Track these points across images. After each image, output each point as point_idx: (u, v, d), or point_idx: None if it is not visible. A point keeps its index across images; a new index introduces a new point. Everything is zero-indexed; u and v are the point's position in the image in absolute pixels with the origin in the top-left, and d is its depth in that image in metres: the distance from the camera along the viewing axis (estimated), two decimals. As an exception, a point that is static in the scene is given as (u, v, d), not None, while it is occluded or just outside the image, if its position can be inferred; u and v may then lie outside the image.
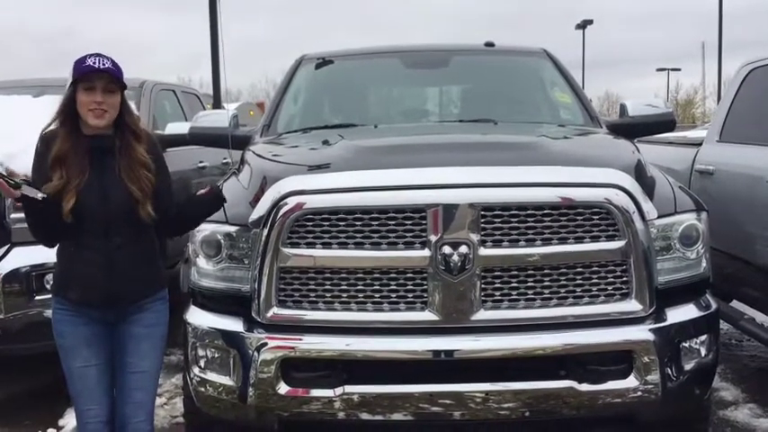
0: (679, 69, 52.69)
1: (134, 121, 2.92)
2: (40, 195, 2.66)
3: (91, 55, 2.79)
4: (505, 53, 5.10)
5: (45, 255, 4.35)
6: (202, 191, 2.99)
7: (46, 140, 2.84)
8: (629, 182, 2.99)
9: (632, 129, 4.36)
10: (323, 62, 4.95)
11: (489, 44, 5.01)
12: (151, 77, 6.69)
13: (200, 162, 6.72)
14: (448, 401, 2.93)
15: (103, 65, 2.76)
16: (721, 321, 4.30)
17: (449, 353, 2.93)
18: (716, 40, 29.40)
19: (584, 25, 40.28)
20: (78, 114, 2.79)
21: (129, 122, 2.89)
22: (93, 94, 2.76)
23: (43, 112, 5.89)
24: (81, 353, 2.85)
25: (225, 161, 7.22)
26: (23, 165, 4.34)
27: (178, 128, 5.72)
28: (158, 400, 4.44)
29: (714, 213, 4.48)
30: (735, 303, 4.95)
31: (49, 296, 4.29)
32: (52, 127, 2.84)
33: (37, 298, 4.32)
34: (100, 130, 2.81)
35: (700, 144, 5.35)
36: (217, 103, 13.55)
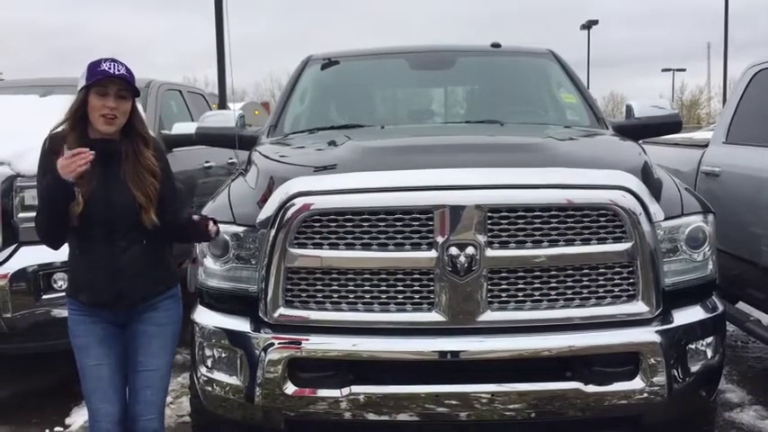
0: (684, 70, 52.80)
1: (143, 128, 2.93)
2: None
3: (106, 59, 2.79)
4: (511, 54, 5.10)
5: (53, 254, 4.33)
6: (196, 217, 3.00)
7: (54, 141, 2.84)
8: (635, 184, 2.99)
9: (638, 130, 4.35)
10: (329, 63, 4.95)
11: (495, 45, 5.02)
12: (157, 77, 6.71)
13: (207, 162, 6.74)
14: (454, 402, 2.94)
15: (118, 70, 2.76)
16: (727, 323, 4.30)
17: (455, 354, 2.93)
18: (721, 41, 29.36)
19: (589, 25, 40.26)
20: (87, 118, 2.80)
21: (139, 128, 2.90)
22: (106, 99, 2.76)
23: (50, 111, 5.94)
24: (94, 352, 2.87)
25: (231, 161, 7.24)
26: (31, 163, 4.37)
27: (184, 128, 5.74)
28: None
29: (720, 215, 4.48)
30: (741, 305, 4.95)
31: (57, 295, 4.36)
32: (61, 128, 2.84)
33: (44, 297, 4.34)
34: (107, 135, 2.82)
35: (706, 145, 5.35)
36: (222, 103, 13.58)
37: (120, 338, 2.92)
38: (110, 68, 2.75)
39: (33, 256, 4.33)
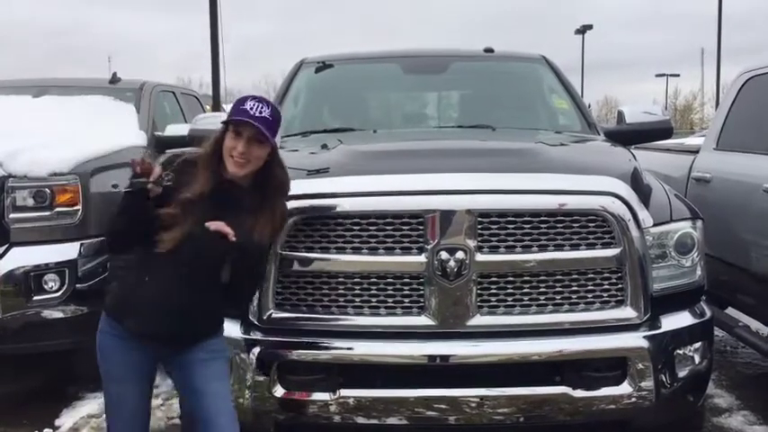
0: (678, 75, 53.05)
1: (285, 177, 2.69)
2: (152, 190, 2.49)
3: (254, 97, 2.61)
4: (504, 59, 5.11)
5: (44, 255, 4.40)
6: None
7: (182, 165, 2.64)
8: (624, 190, 3.02)
9: (630, 136, 4.38)
10: (323, 66, 4.96)
11: (488, 50, 5.03)
12: (152, 77, 6.71)
13: (199, 163, 6.72)
14: (443, 406, 2.95)
15: (260, 113, 2.55)
16: (716, 328, 4.30)
17: (444, 358, 2.94)
18: (715, 46, 29.48)
19: (583, 30, 40.38)
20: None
21: (279, 177, 2.67)
22: (238, 141, 2.56)
23: (43, 112, 5.93)
24: (125, 383, 2.68)
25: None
26: (23, 164, 4.38)
27: (177, 129, 5.74)
28: (155, 401, 4.46)
29: (710, 221, 4.50)
30: (730, 311, 4.97)
31: (48, 296, 4.35)
32: (195, 152, 2.65)
33: (35, 298, 4.34)
34: (238, 179, 2.61)
35: (697, 151, 5.38)
36: (216, 104, 13.58)
37: (154, 366, 2.74)
38: (251, 109, 2.54)
39: (25, 257, 4.34)
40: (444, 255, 2.89)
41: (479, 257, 2.90)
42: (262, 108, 2.56)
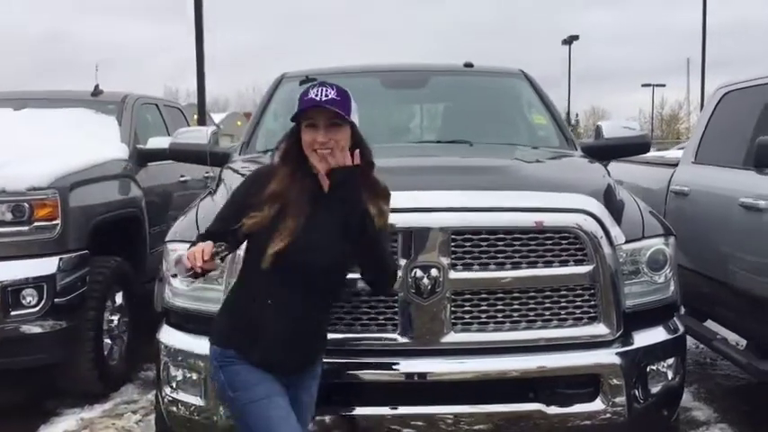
0: (664, 85, 53.55)
1: (370, 156, 2.54)
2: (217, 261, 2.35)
3: (314, 85, 2.45)
4: (483, 74, 5.12)
5: (22, 269, 4.37)
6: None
7: (259, 176, 2.56)
8: (597, 207, 3.04)
9: (607, 151, 4.40)
10: (305, 80, 4.96)
11: (468, 65, 5.06)
12: (142, 86, 6.73)
13: (182, 176, 6.73)
14: (419, 423, 2.95)
15: (326, 96, 2.38)
16: (695, 341, 4.32)
17: (420, 375, 2.95)
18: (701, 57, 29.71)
19: (570, 41, 40.62)
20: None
21: (366, 154, 2.50)
22: (316, 132, 2.41)
23: (24, 125, 5.90)
24: (278, 400, 2.43)
25: (207, 175, 7.23)
26: (1, 178, 4.36)
27: (159, 142, 5.74)
28: (133, 417, 4.45)
29: (689, 233, 4.53)
30: (709, 323, 5.01)
31: (25, 311, 4.32)
32: (269, 161, 2.53)
33: (13, 313, 4.31)
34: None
35: (676, 165, 5.43)
36: (201, 114, 13.58)
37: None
38: (316, 95, 2.38)
39: (2, 271, 4.32)
40: (418, 272, 2.90)
41: (453, 275, 2.92)
42: (327, 91, 2.40)
